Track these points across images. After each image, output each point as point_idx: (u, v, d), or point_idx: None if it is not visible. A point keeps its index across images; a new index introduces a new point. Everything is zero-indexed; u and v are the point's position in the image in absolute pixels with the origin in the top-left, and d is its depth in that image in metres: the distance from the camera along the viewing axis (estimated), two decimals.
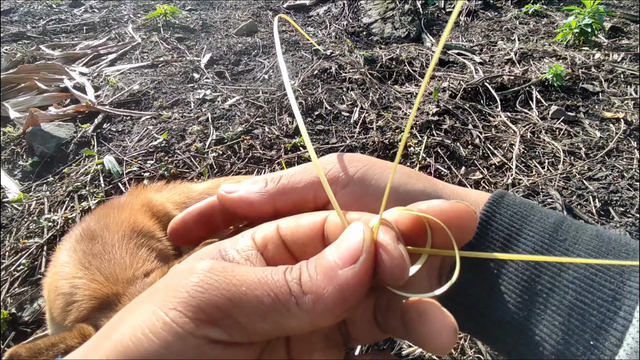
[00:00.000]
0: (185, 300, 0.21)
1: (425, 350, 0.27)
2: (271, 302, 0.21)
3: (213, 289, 0.21)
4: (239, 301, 0.21)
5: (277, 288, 0.22)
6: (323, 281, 0.22)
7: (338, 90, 2.37)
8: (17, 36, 3.25)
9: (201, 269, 0.22)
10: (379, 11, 3.43)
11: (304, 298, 0.22)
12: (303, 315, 0.22)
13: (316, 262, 0.23)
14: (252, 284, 0.22)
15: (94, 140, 2.04)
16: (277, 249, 0.26)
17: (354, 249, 0.23)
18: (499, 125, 2.14)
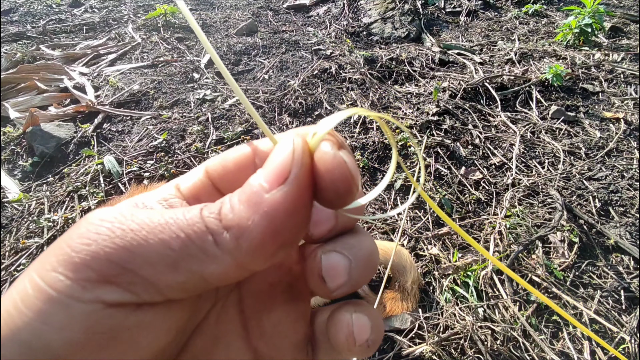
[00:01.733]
0: (67, 258, 0.16)
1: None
2: (181, 244, 0.17)
3: (103, 239, 0.16)
4: (138, 249, 0.16)
5: (188, 227, 0.17)
6: (247, 210, 0.17)
7: (338, 90, 2.37)
8: (17, 36, 3.25)
9: (91, 218, 0.17)
10: (379, 11, 3.43)
11: (224, 234, 0.17)
12: (225, 257, 0.17)
13: (240, 192, 0.18)
14: (157, 226, 0.17)
15: (94, 140, 2.04)
16: (210, 196, 0.22)
17: (283, 165, 0.18)
18: (499, 125, 2.14)
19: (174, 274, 0.17)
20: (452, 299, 1.29)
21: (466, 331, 1.18)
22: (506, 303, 1.27)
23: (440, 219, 1.60)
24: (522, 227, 1.51)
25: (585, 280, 1.36)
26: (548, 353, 1.14)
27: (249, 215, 0.17)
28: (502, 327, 1.19)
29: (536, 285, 1.33)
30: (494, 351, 1.15)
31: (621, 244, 1.45)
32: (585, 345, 1.18)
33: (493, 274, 1.35)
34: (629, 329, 1.20)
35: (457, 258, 1.42)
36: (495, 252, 1.43)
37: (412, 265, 1.30)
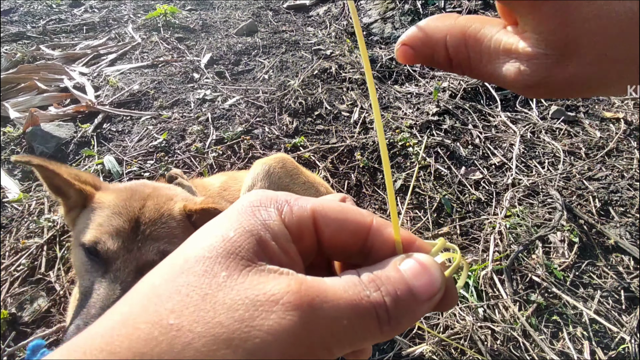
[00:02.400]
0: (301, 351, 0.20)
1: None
2: (363, 333, 0.22)
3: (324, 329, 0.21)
4: (341, 336, 0.21)
5: (369, 316, 0.22)
6: (405, 309, 0.23)
7: (338, 90, 2.37)
8: (17, 36, 3.25)
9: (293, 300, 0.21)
10: (379, 11, 3.43)
11: (387, 325, 0.22)
12: (380, 338, 0.23)
13: (398, 287, 0.23)
14: (350, 313, 0.21)
15: (94, 140, 2.04)
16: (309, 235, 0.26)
17: (436, 286, 0.24)
18: (499, 125, 2.14)
19: (349, 349, 0.22)
20: None
21: (466, 331, 1.18)
22: (506, 303, 1.27)
23: (440, 219, 1.61)
24: (522, 227, 1.51)
25: (585, 280, 1.36)
26: (548, 353, 1.14)
27: (405, 315, 0.23)
28: (502, 327, 1.19)
29: (536, 285, 1.33)
30: (494, 351, 1.15)
31: (621, 244, 1.45)
32: (585, 345, 1.18)
33: (493, 274, 1.35)
34: (629, 329, 1.20)
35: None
36: (496, 252, 1.43)
37: None
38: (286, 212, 0.25)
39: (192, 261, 0.22)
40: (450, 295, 0.26)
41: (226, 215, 0.25)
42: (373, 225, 0.27)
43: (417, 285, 0.24)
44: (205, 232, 0.24)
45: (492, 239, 1.47)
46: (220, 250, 0.22)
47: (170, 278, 0.22)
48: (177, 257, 0.23)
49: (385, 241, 0.26)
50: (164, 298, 0.21)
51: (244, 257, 0.22)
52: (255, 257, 0.22)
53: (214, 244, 0.22)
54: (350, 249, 0.27)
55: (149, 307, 0.20)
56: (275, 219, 0.24)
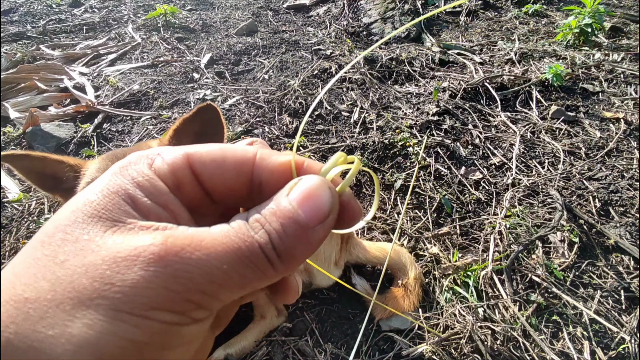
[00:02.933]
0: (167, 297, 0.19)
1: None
2: (253, 274, 0.21)
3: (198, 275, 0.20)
4: (223, 282, 0.20)
5: (255, 257, 0.21)
6: (294, 241, 0.22)
7: (338, 90, 2.37)
8: (17, 36, 3.25)
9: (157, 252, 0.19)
10: (379, 11, 3.43)
11: (277, 261, 0.22)
12: (277, 275, 0.22)
13: (282, 221, 0.22)
14: (231, 258, 0.20)
15: (94, 140, 2.04)
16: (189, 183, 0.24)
17: (324, 210, 0.23)
18: (499, 125, 2.14)
19: (241, 291, 0.21)
20: (452, 299, 1.29)
21: (466, 331, 1.18)
22: (506, 303, 1.27)
23: (440, 219, 1.60)
24: (522, 227, 1.51)
25: (585, 280, 1.36)
26: (548, 353, 1.14)
27: (296, 245, 0.22)
28: (502, 327, 1.19)
29: (536, 285, 1.33)
30: (494, 351, 1.15)
31: (621, 244, 1.45)
32: (585, 345, 1.18)
33: (493, 274, 1.35)
34: (629, 329, 1.20)
35: (457, 258, 1.42)
36: (496, 252, 1.43)
37: (412, 262, 1.30)
38: (157, 164, 0.24)
39: (51, 232, 0.21)
40: (350, 209, 0.25)
41: (95, 181, 0.23)
42: (257, 158, 0.25)
43: (302, 213, 0.22)
44: (70, 201, 0.23)
45: (492, 239, 1.47)
46: (80, 215, 0.21)
47: (29, 254, 0.21)
48: (38, 234, 0.22)
49: (272, 171, 0.25)
50: (21, 274, 0.20)
51: (109, 218, 0.21)
52: (123, 215, 0.21)
53: (75, 209, 0.21)
54: (238, 188, 0.25)
55: (5, 287, 0.19)
56: (145, 174, 0.23)
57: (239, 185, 0.25)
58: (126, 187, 0.22)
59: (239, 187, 0.25)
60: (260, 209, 0.23)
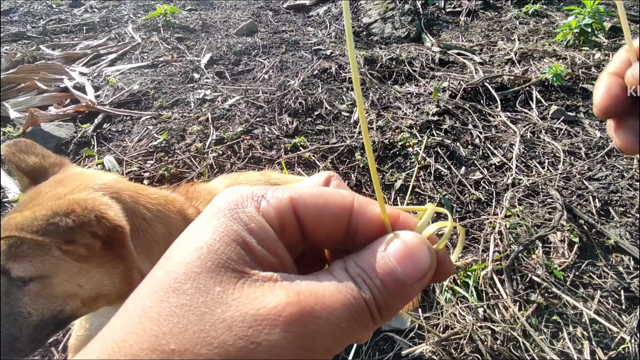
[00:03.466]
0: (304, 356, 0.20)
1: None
2: (359, 328, 0.22)
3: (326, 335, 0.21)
4: (341, 338, 0.22)
5: (362, 312, 0.22)
6: (393, 297, 0.23)
7: (338, 90, 2.37)
8: (17, 36, 3.25)
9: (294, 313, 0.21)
10: (379, 11, 3.43)
11: (377, 316, 0.23)
12: (374, 328, 0.23)
13: (383, 278, 0.23)
14: (346, 315, 0.22)
15: (94, 140, 2.04)
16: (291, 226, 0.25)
17: (424, 268, 0.24)
18: (499, 125, 2.14)
19: (347, 344, 0.22)
20: (452, 299, 1.29)
21: (466, 331, 1.18)
22: (506, 303, 1.27)
23: (441, 219, 1.60)
24: (522, 227, 1.51)
25: (585, 280, 1.36)
26: (548, 353, 1.14)
27: (395, 301, 0.23)
28: (502, 327, 1.19)
29: (536, 285, 1.33)
30: (494, 351, 1.15)
31: (621, 244, 1.45)
32: (585, 345, 1.18)
33: (493, 274, 1.35)
34: (629, 329, 1.20)
35: (457, 258, 1.42)
36: (496, 252, 1.43)
37: None
38: (264, 207, 0.24)
39: (181, 278, 0.21)
40: (444, 267, 0.26)
41: (205, 220, 0.24)
42: (354, 206, 0.26)
43: (403, 271, 0.23)
44: (186, 242, 0.23)
45: (492, 239, 1.47)
46: (209, 265, 0.21)
47: (162, 298, 0.21)
48: (163, 274, 0.22)
49: (369, 220, 0.26)
50: (160, 322, 0.20)
51: (235, 269, 0.21)
52: (245, 266, 0.22)
53: (201, 257, 0.22)
54: (335, 233, 0.26)
55: (144, 333, 0.20)
56: (257, 219, 0.23)
57: (335, 231, 0.26)
58: (242, 233, 0.23)
59: (336, 233, 0.26)
60: (358, 259, 0.24)
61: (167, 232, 0.83)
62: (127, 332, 0.20)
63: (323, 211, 0.25)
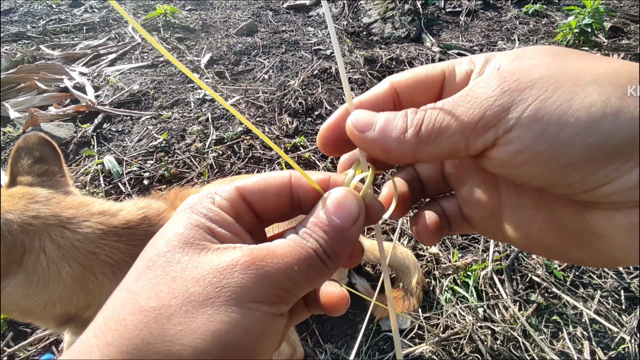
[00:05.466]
0: (262, 292, 0.24)
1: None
2: (314, 272, 0.27)
3: (277, 275, 0.25)
4: (296, 279, 0.26)
5: (314, 260, 0.27)
6: (337, 242, 0.28)
7: (338, 90, 2.37)
8: (17, 36, 3.25)
9: (249, 260, 0.25)
10: (379, 11, 3.43)
11: (330, 263, 0.27)
12: (330, 273, 0.28)
13: (324, 229, 0.28)
14: (297, 260, 0.26)
15: (94, 140, 2.04)
16: (246, 213, 0.30)
17: (354, 213, 0.28)
18: None
19: (309, 287, 0.27)
20: (452, 299, 1.29)
21: (466, 331, 1.18)
22: (506, 303, 1.27)
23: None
24: None
25: (585, 280, 1.36)
26: (548, 353, 1.14)
27: (339, 246, 0.28)
28: (502, 327, 1.19)
29: (536, 285, 1.33)
30: (494, 351, 1.15)
31: None
32: (585, 345, 1.18)
33: (493, 274, 1.35)
34: (629, 329, 1.20)
35: (457, 258, 1.42)
36: (495, 252, 1.43)
37: (415, 265, 1.30)
38: (218, 200, 0.29)
39: (153, 259, 0.26)
40: (373, 208, 0.30)
41: (170, 221, 0.29)
42: (292, 181, 0.31)
43: (338, 220, 0.28)
44: (158, 235, 0.28)
45: None
46: (175, 244, 0.26)
47: (139, 276, 0.25)
48: (140, 261, 0.26)
49: (306, 189, 0.31)
50: (139, 292, 0.24)
51: (199, 244, 0.26)
52: (208, 242, 0.26)
53: (169, 240, 0.26)
54: (282, 208, 0.31)
55: (127, 303, 0.24)
56: (213, 210, 0.28)
57: (281, 206, 0.31)
58: (202, 220, 0.27)
59: (282, 207, 0.31)
60: (303, 223, 0.29)
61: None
62: (113, 306, 0.24)
63: (265, 193, 0.30)
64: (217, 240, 0.27)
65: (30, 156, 0.85)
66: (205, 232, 0.27)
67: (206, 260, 0.25)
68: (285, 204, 0.31)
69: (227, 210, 0.29)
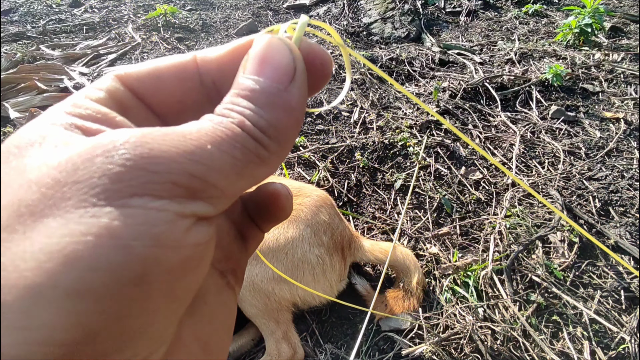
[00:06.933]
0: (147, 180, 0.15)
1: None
2: (244, 155, 0.18)
3: (175, 156, 0.16)
4: (212, 162, 0.17)
5: (241, 138, 0.18)
6: (273, 111, 0.19)
7: (338, 90, 2.37)
8: (17, 36, 3.25)
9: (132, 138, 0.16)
10: (379, 11, 3.43)
11: (265, 138, 0.18)
12: (273, 157, 0.19)
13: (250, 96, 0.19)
14: (212, 139, 0.17)
15: None
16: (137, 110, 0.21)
17: (286, 64, 0.20)
18: (499, 125, 2.14)
19: (241, 181, 0.18)
20: (452, 299, 1.29)
21: (466, 331, 1.18)
22: (506, 303, 1.27)
23: (440, 219, 1.60)
24: (522, 227, 1.51)
25: (585, 280, 1.36)
26: (548, 353, 1.14)
27: (276, 115, 0.19)
28: (502, 327, 1.19)
29: (536, 285, 1.33)
30: (494, 351, 1.15)
31: (621, 244, 1.45)
32: (585, 345, 1.18)
33: (493, 274, 1.35)
34: (629, 329, 1.20)
35: (457, 258, 1.42)
36: (496, 252, 1.43)
37: (416, 266, 1.30)
38: (90, 93, 0.20)
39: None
40: (316, 55, 0.22)
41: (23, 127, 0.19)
42: (198, 60, 0.22)
43: (265, 78, 0.19)
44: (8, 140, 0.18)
45: (492, 239, 1.47)
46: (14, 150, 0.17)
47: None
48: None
49: (221, 66, 0.22)
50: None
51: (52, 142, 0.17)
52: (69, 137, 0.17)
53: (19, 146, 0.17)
54: (190, 99, 0.22)
55: None
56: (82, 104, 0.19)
57: (188, 94, 0.22)
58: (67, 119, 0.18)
59: (190, 96, 0.22)
60: (221, 101, 0.20)
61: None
62: None
63: (159, 77, 0.21)
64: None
65: None
66: (69, 130, 0.17)
67: (56, 153, 0.16)
68: (194, 91, 0.22)
69: (106, 104, 0.19)
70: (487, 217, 1.59)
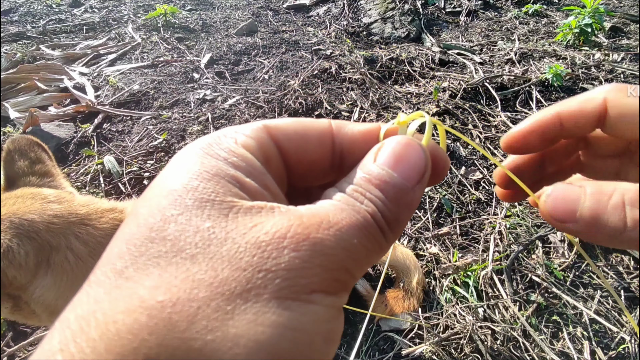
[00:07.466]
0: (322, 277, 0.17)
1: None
2: (372, 245, 0.19)
3: (340, 252, 0.18)
4: (357, 256, 0.18)
5: (371, 227, 0.19)
6: (398, 206, 0.20)
7: (338, 90, 2.37)
8: (17, 36, 3.25)
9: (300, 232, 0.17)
10: (379, 11, 3.43)
11: (389, 233, 0.20)
12: (387, 245, 0.21)
13: (381, 187, 0.21)
14: (354, 230, 0.19)
15: (94, 140, 2.04)
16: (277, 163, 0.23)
17: (420, 167, 0.22)
18: (499, 125, 2.14)
19: (367, 267, 0.20)
20: (452, 299, 1.29)
21: (466, 331, 1.18)
22: (506, 303, 1.27)
23: (440, 219, 1.60)
24: (522, 227, 1.51)
25: (585, 280, 1.36)
26: (548, 353, 1.14)
27: (401, 211, 0.21)
28: (502, 327, 1.19)
29: (536, 285, 1.33)
30: (494, 351, 1.15)
31: None
32: (585, 345, 1.18)
33: (493, 274, 1.35)
34: (629, 329, 1.20)
35: (457, 258, 1.42)
36: (495, 252, 1.43)
37: (416, 266, 1.30)
38: (243, 140, 0.21)
39: (157, 226, 0.17)
40: (439, 159, 0.24)
41: (172, 166, 0.20)
42: (333, 128, 0.24)
43: (400, 175, 0.21)
44: (154, 192, 0.19)
45: (492, 239, 1.47)
46: (189, 203, 0.18)
47: (137, 254, 0.17)
48: (133, 228, 0.18)
49: (354, 141, 0.24)
50: (138, 277, 0.16)
51: (224, 201, 0.18)
52: (235, 199, 0.18)
53: (178, 198, 0.18)
54: (321, 161, 0.24)
55: (119, 292, 0.15)
56: (238, 152, 0.20)
57: (321, 158, 0.23)
58: (223, 167, 0.19)
59: (321, 160, 0.23)
60: (349, 179, 0.21)
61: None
62: (96, 301, 0.15)
63: (304, 137, 0.23)
64: (246, 195, 0.19)
65: (26, 158, 0.83)
66: (229, 182, 0.19)
67: (239, 228, 0.17)
68: (325, 157, 0.23)
69: (255, 154, 0.21)
70: (487, 217, 1.59)
